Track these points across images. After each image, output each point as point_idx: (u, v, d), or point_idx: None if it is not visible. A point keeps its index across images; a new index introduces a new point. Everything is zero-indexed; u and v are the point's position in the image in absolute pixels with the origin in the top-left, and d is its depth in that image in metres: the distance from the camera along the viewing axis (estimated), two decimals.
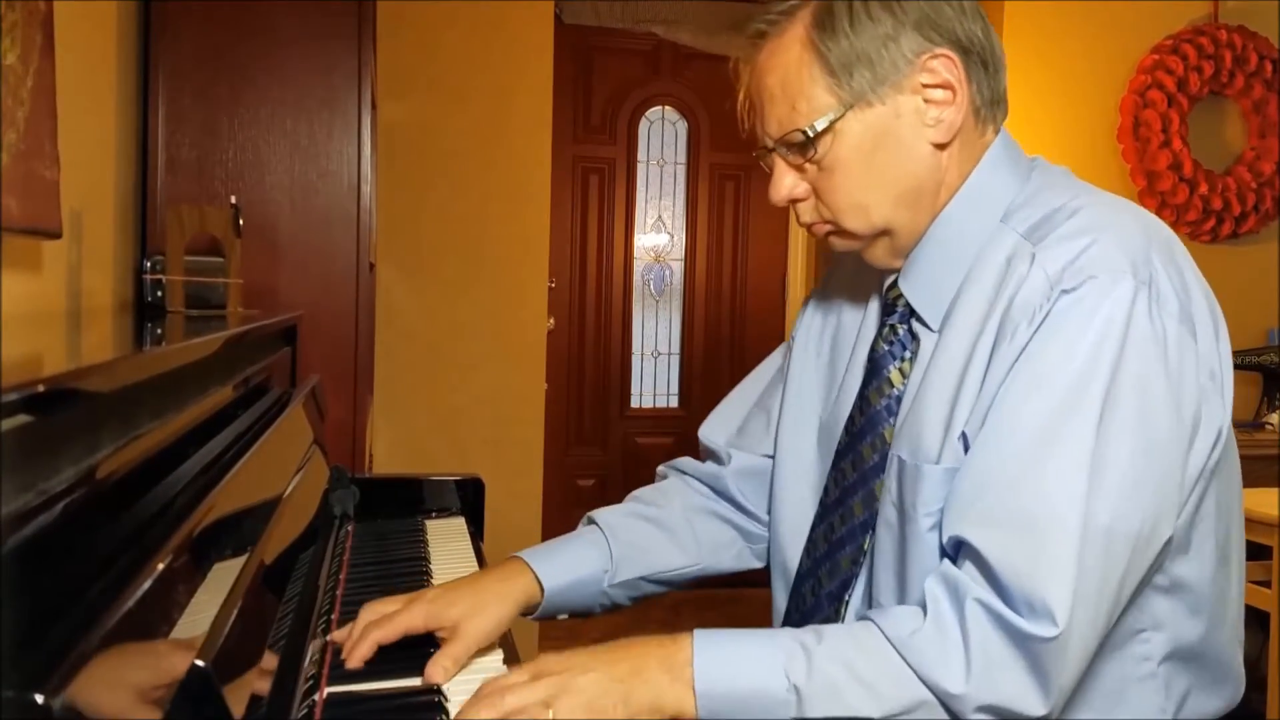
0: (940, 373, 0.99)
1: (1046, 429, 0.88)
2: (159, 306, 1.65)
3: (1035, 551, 0.86)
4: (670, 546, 1.23)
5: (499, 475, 2.11)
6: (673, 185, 4.54)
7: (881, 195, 1.02)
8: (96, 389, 0.66)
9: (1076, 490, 0.86)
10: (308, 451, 1.36)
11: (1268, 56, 3.58)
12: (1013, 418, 0.90)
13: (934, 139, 1.01)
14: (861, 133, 1.00)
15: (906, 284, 1.05)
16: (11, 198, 1.09)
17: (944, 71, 0.99)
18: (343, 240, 2.05)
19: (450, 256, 3.36)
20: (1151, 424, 0.89)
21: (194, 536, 0.75)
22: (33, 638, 0.52)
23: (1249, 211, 3.61)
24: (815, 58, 0.99)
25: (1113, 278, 0.90)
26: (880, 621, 0.90)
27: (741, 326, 4.60)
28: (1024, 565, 0.85)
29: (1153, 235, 0.96)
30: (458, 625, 1.04)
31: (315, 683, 0.97)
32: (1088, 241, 0.93)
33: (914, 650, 0.87)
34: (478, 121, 3.36)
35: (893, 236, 1.04)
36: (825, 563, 1.10)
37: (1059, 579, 0.85)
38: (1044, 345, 0.91)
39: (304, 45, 2.02)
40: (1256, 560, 2.48)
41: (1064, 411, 0.88)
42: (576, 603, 1.18)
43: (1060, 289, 0.91)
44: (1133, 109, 3.54)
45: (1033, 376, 0.90)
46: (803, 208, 1.06)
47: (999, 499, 0.89)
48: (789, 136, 1.01)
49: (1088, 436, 0.87)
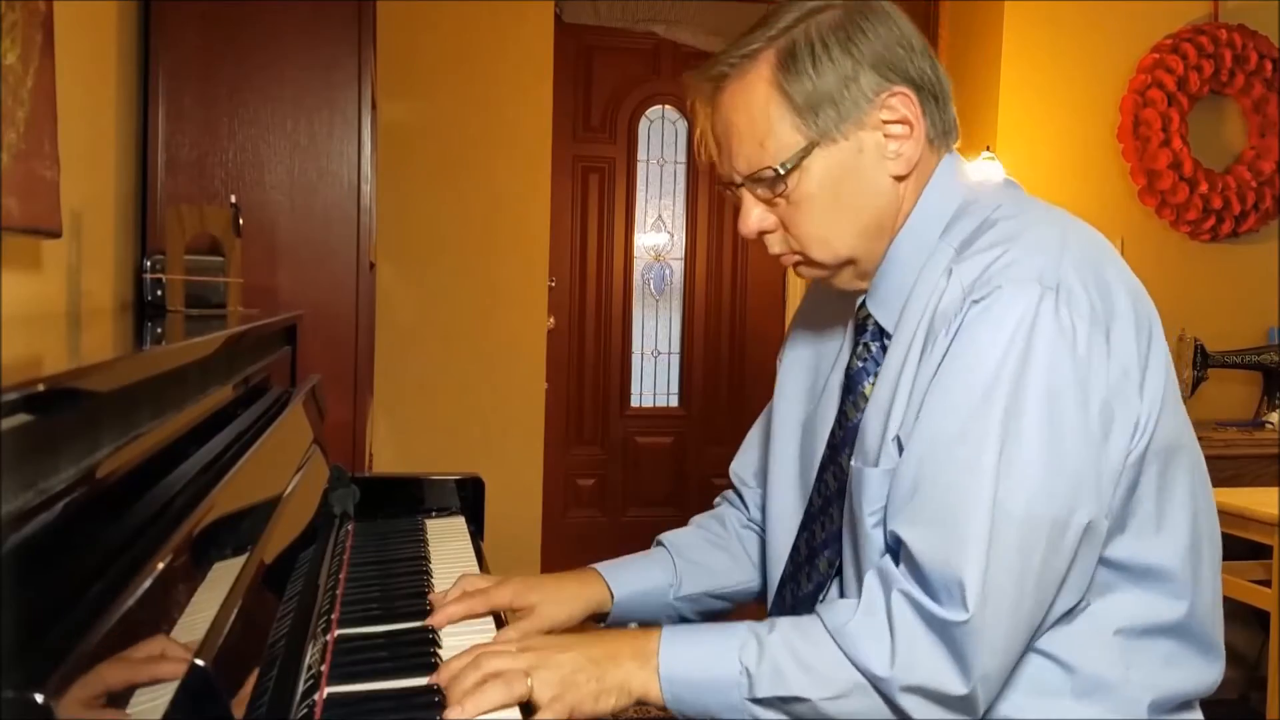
0: (885, 382, 1.06)
1: (961, 429, 0.96)
2: (159, 306, 1.65)
3: (950, 542, 0.93)
4: (731, 565, 1.32)
5: (499, 475, 2.11)
6: (673, 184, 4.54)
7: (846, 228, 1.08)
8: (96, 389, 0.66)
9: (986, 483, 0.94)
10: (308, 451, 1.36)
11: (1268, 56, 3.58)
12: (931, 421, 0.98)
13: (894, 171, 1.07)
14: (827, 169, 1.06)
15: (873, 303, 1.12)
16: (11, 198, 1.09)
17: (901, 108, 1.05)
18: (343, 240, 2.05)
19: (450, 256, 3.36)
20: (1059, 417, 0.95)
21: (194, 536, 0.75)
22: (33, 638, 0.52)
23: (1249, 210, 3.61)
24: (782, 98, 1.05)
25: (1017, 286, 0.96)
26: (822, 612, 0.99)
27: (741, 326, 4.60)
28: (940, 555, 0.93)
29: (1071, 242, 1.01)
30: (535, 608, 1.18)
31: (315, 682, 0.97)
32: (999, 253, 0.99)
33: (847, 637, 0.96)
34: (478, 121, 3.36)
35: (856, 265, 1.11)
36: (805, 567, 1.17)
37: (970, 565, 0.92)
38: (956, 353, 0.98)
39: (304, 45, 2.02)
40: (1256, 560, 2.48)
41: (974, 412, 0.95)
42: (644, 613, 1.27)
43: (971, 299, 0.98)
44: (1133, 108, 3.54)
45: (947, 382, 0.98)
46: (771, 239, 1.11)
47: (922, 496, 0.97)
48: (759, 173, 1.07)
49: (996, 433, 0.94)
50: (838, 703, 0.95)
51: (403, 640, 1.11)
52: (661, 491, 4.54)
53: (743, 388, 4.55)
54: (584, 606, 1.22)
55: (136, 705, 0.59)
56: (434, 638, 1.10)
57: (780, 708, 0.97)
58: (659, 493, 4.54)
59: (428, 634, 1.12)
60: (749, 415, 1.42)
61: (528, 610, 1.18)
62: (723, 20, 4.13)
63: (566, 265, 4.36)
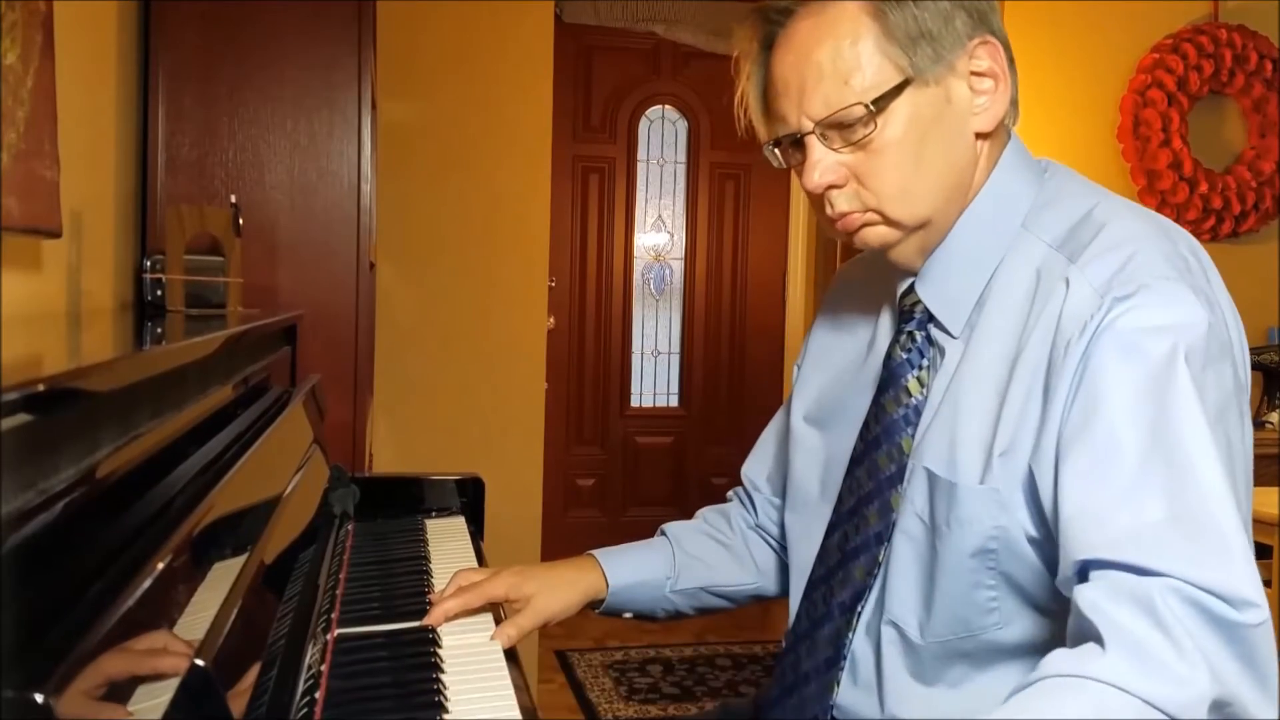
0: (973, 386, 0.97)
1: (1174, 434, 0.84)
2: (159, 306, 1.65)
3: (1216, 561, 0.81)
4: (730, 562, 1.29)
5: (499, 475, 2.11)
6: (673, 184, 4.54)
7: (930, 182, 0.98)
8: (96, 389, 0.66)
9: (1219, 486, 0.84)
10: (308, 451, 1.36)
11: (1268, 56, 3.58)
12: (1110, 431, 0.86)
13: (979, 127, 0.99)
14: (916, 112, 0.96)
15: (924, 289, 1.03)
16: (11, 198, 1.09)
17: (989, 59, 0.98)
18: (343, 240, 2.05)
19: (450, 256, 3.36)
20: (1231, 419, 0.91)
21: (194, 536, 0.75)
22: (33, 638, 0.53)
23: (1249, 210, 3.61)
24: (880, 27, 0.95)
25: (1166, 284, 0.89)
26: (1054, 668, 0.79)
27: (741, 325, 4.60)
28: (1215, 577, 0.80)
29: (1179, 243, 0.96)
30: (530, 600, 1.17)
31: (315, 682, 0.97)
32: (1131, 250, 0.92)
33: (1140, 675, 0.77)
34: (477, 121, 3.36)
35: (928, 230, 1.00)
36: (839, 571, 1.08)
37: (1241, 566, 0.82)
38: (1111, 356, 0.87)
39: (304, 45, 2.02)
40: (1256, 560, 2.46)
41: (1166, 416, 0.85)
42: (639, 603, 1.26)
43: (1112, 297, 0.89)
44: (1133, 108, 3.54)
45: (1112, 389, 0.87)
46: (839, 195, 0.99)
47: (1141, 511, 0.83)
48: (842, 114, 0.95)
49: (1202, 434, 0.84)
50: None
51: (403, 640, 1.11)
52: (661, 491, 4.54)
53: (743, 388, 4.55)
54: (580, 595, 1.21)
55: (136, 705, 0.59)
56: (434, 637, 1.11)
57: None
58: (659, 493, 4.55)
59: (428, 633, 1.12)
60: (749, 415, 1.43)
61: (523, 602, 1.17)
62: (723, 20, 4.13)
63: (566, 265, 4.36)
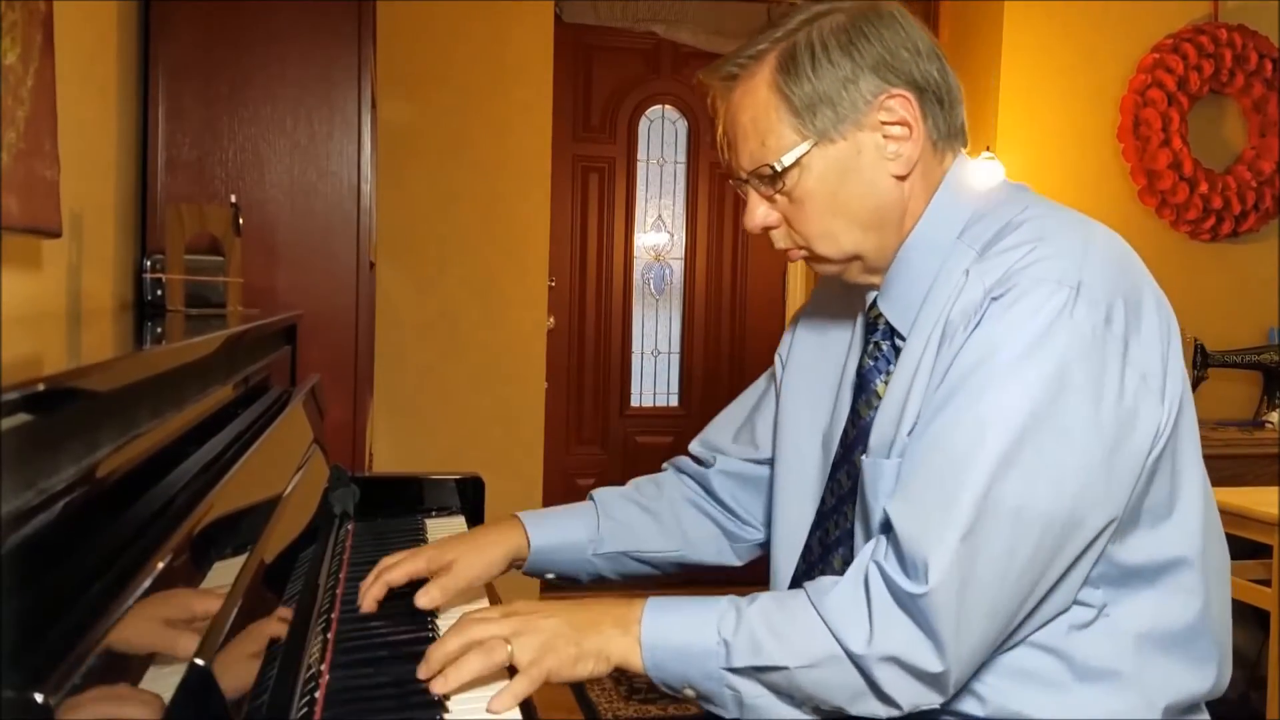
0: (899, 379, 1.08)
1: (966, 418, 0.97)
2: (159, 305, 1.65)
3: (929, 523, 0.95)
4: (655, 530, 1.35)
5: (499, 474, 2.10)
6: (673, 184, 4.53)
7: (847, 223, 1.11)
8: (96, 389, 0.66)
9: (980, 473, 0.94)
10: (307, 451, 1.36)
11: (1268, 55, 3.58)
12: (942, 412, 0.99)
13: (894, 171, 1.10)
14: (826, 167, 1.09)
15: (884, 303, 1.14)
16: (11, 198, 1.09)
17: (900, 110, 1.08)
18: (343, 240, 2.06)
19: (450, 256, 3.36)
20: (1069, 417, 0.96)
21: (194, 536, 0.75)
22: (33, 638, 0.53)
23: (1249, 210, 3.61)
24: (781, 99, 1.09)
25: (1038, 284, 0.98)
26: (808, 586, 1.01)
27: (741, 325, 4.60)
28: (916, 532, 0.95)
29: (1096, 245, 1.02)
30: (453, 564, 1.21)
31: (315, 681, 0.97)
32: (1023, 253, 1.01)
33: (827, 607, 0.98)
34: (478, 121, 3.36)
35: (864, 260, 1.13)
36: (819, 565, 1.17)
37: (941, 547, 0.93)
38: (972, 345, 0.99)
39: (304, 45, 2.02)
40: (1256, 559, 2.48)
41: (982, 403, 0.97)
42: (562, 565, 1.31)
43: (991, 296, 1.00)
44: (1133, 108, 3.54)
45: (960, 373, 0.99)
46: (776, 234, 1.15)
47: (916, 476, 0.99)
48: (759, 170, 1.11)
49: (1001, 426, 0.95)
50: (812, 672, 0.97)
51: (403, 639, 1.11)
52: None
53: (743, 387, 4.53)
54: (502, 554, 1.26)
55: (136, 705, 0.59)
56: (434, 636, 1.10)
57: (756, 677, 0.98)
58: None
59: (428, 633, 1.12)
60: None
61: (447, 568, 1.20)
62: (723, 20, 4.13)
63: (566, 265, 4.35)
